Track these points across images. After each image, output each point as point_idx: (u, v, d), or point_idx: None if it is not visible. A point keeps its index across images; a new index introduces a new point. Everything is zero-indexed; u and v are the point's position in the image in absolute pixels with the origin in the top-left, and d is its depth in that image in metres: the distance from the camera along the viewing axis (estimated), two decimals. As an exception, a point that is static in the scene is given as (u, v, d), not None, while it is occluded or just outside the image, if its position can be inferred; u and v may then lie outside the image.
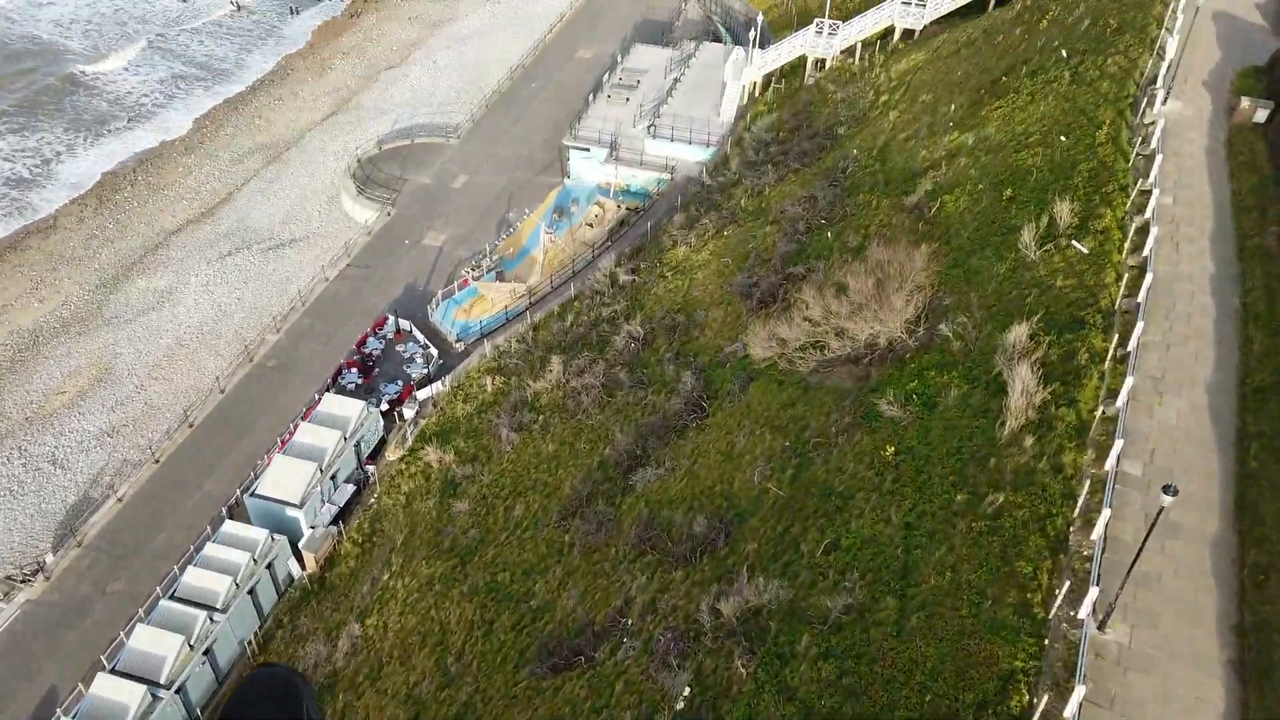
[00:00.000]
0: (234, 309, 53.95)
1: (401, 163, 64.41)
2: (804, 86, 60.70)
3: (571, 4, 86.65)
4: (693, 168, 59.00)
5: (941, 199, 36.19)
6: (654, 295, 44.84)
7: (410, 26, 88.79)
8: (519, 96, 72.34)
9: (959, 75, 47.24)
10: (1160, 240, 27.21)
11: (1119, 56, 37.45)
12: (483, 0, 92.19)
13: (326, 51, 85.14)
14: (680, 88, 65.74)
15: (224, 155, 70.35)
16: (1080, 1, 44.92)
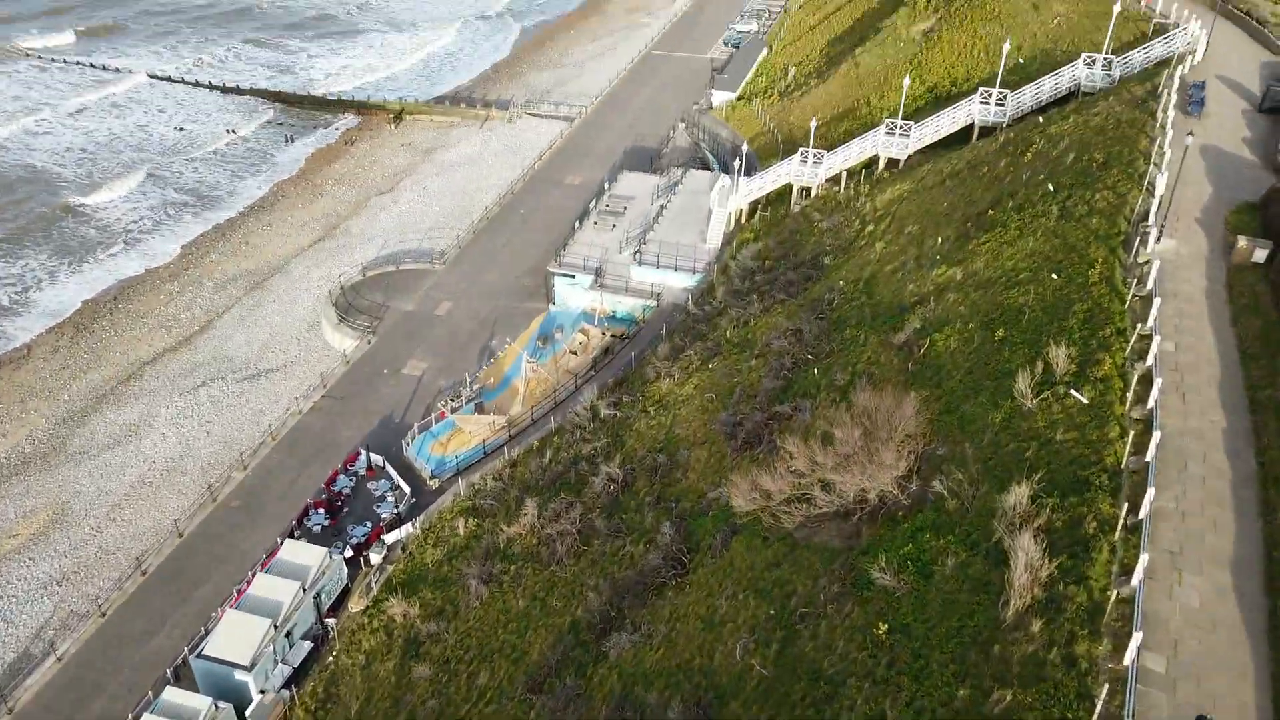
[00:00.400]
0: (202, 443, 51.91)
1: (385, 289, 63.50)
2: (790, 214, 60.36)
3: (562, 132, 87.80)
4: (679, 294, 58.05)
5: (931, 337, 34.69)
6: (636, 431, 42.92)
7: (403, 153, 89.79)
8: (507, 222, 72.17)
9: (945, 206, 46.59)
10: (1165, 391, 25.49)
11: (1107, 192, 36.63)
12: (475, 129, 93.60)
13: (319, 178, 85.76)
14: (667, 214, 65.54)
15: (208, 282, 69.62)
16: (1064, 135, 44.62)
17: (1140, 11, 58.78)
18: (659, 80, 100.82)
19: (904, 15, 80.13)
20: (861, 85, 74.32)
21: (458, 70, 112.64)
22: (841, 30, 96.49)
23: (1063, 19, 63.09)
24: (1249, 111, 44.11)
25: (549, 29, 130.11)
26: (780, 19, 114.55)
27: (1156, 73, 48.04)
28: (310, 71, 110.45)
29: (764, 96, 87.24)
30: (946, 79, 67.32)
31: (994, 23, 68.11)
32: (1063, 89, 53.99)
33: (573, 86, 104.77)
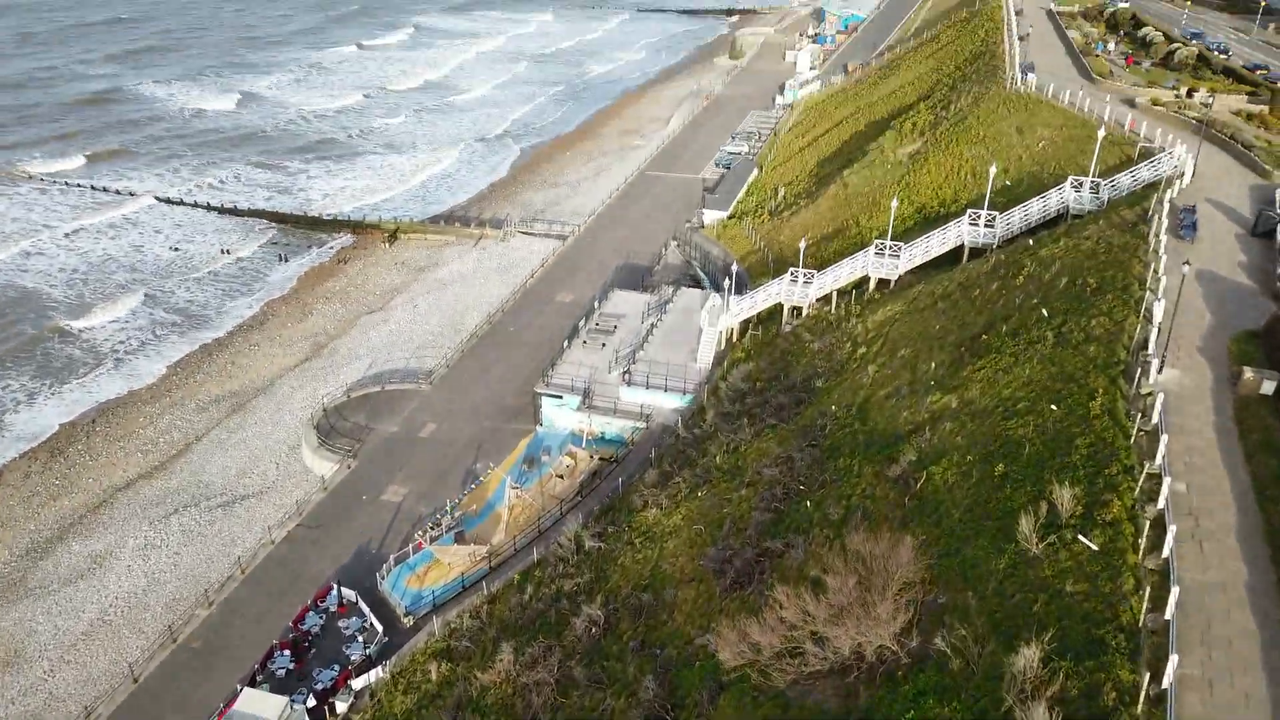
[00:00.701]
0: (168, 577, 49.46)
1: (369, 411, 62.04)
2: (781, 334, 59.47)
3: (555, 250, 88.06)
4: (669, 416, 56.62)
5: (928, 470, 33.00)
6: (620, 566, 40.70)
7: (396, 272, 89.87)
8: (496, 341, 71.31)
9: (937, 329, 45.59)
10: (1180, 539, 23.68)
11: (1103, 318, 35.60)
12: (468, 247, 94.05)
13: (310, 296, 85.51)
14: (657, 333, 64.73)
15: (190, 404, 68.24)
16: (1055, 258, 44.01)
17: (1126, 135, 59.35)
18: (651, 199, 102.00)
19: (890, 138, 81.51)
20: (850, 205, 74.80)
21: (454, 190, 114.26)
22: (830, 152, 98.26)
23: (1047, 143, 63.76)
24: (1242, 235, 43.67)
25: (545, 150, 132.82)
26: (770, 140, 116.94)
27: (1145, 196, 47.90)
28: (309, 192, 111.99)
29: (755, 215, 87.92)
30: (934, 199, 67.67)
31: (979, 146, 68.95)
32: (1051, 211, 53.89)
33: (567, 205, 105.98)
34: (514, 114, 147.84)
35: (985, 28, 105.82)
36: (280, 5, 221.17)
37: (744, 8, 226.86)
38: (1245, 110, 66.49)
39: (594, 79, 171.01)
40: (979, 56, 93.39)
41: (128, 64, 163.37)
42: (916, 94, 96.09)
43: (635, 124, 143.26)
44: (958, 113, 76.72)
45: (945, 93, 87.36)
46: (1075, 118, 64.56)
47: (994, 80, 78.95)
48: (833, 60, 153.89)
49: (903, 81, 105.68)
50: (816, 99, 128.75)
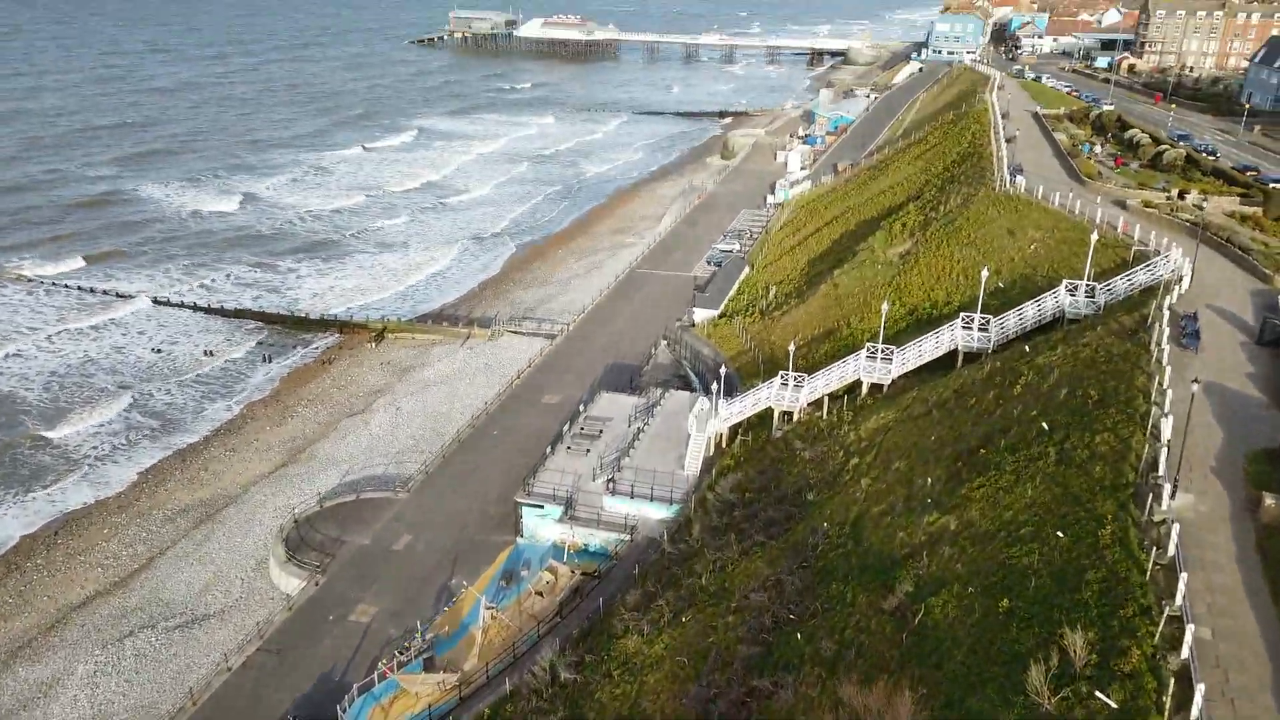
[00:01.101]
0: (116, 708, 46.05)
1: (342, 522, 59.28)
2: (771, 440, 57.32)
3: (542, 350, 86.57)
4: (654, 527, 53.98)
5: (926, 603, 30.41)
6: (598, 702, 37.57)
7: (380, 373, 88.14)
8: (478, 445, 69.01)
9: (933, 440, 43.48)
10: (1209, 697, 21.09)
11: (1107, 434, 33.54)
12: (456, 346, 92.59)
13: (291, 398, 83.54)
14: (644, 438, 62.56)
15: (157, 514, 65.50)
16: (1053, 367, 42.23)
17: (1119, 238, 58.44)
18: (642, 297, 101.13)
19: (881, 238, 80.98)
20: (841, 306, 73.60)
21: (445, 289, 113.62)
22: (820, 251, 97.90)
23: (1039, 244, 62.89)
24: (1248, 344, 42.05)
25: (538, 248, 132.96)
26: (761, 238, 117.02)
27: (1143, 301, 46.46)
28: (298, 291, 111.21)
29: (745, 314, 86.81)
30: (926, 301, 66.45)
31: (970, 247, 68.13)
32: (1047, 315, 52.47)
33: (557, 303, 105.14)
34: (511, 213, 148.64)
35: (972, 130, 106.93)
36: (284, 110, 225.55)
37: (736, 110, 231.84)
38: (1239, 212, 65.94)
39: (590, 178, 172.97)
40: (967, 158, 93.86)
41: (131, 167, 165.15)
42: (906, 194, 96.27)
43: (628, 222, 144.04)
44: (947, 214, 76.29)
45: (934, 193, 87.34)
46: (1066, 219, 63.88)
47: (982, 182, 78.84)
48: (823, 160, 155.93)
49: (892, 182, 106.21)
50: (807, 198, 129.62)
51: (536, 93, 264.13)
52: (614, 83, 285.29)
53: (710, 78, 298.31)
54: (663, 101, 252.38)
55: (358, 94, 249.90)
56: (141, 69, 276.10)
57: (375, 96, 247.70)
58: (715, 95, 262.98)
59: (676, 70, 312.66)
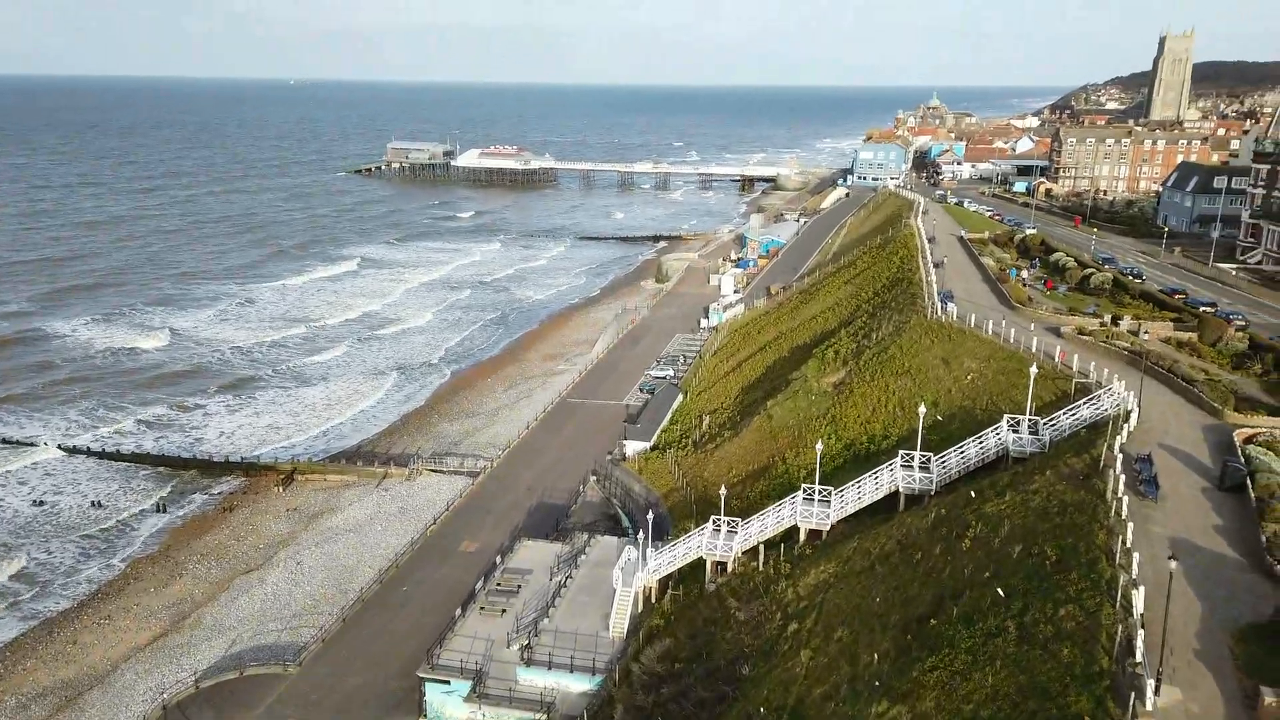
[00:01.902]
0: None
1: (220, 706, 51.95)
2: (704, 595, 52.09)
3: (463, 490, 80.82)
4: (575, 703, 47.90)
5: (879, 830, 25.13)
6: None
7: (285, 521, 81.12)
8: (385, 604, 62.43)
9: (878, 603, 38.85)
10: None
11: (1072, 606, 29.36)
12: (370, 488, 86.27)
13: (182, 553, 75.91)
14: (566, 594, 56.86)
15: (10, 700, 57.09)
16: (1003, 517, 38.35)
17: (1058, 368, 56.06)
18: (572, 429, 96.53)
19: (814, 367, 78.23)
20: (775, 439, 69.87)
21: (365, 424, 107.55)
22: (755, 377, 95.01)
23: (976, 375, 60.32)
24: (1210, 490, 38.89)
25: (466, 377, 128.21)
26: (695, 364, 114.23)
27: (1092, 440, 43.32)
28: (204, 431, 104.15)
29: (678, 447, 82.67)
30: (863, 435, 63.05)
31: (905, 377, 65.40)
32: (990, 453, 49.11)
33: (483, 436, 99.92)
34: (445, 342, 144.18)
35: (900, 255, 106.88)
36: (217, 242, 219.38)
37: (670, 234, 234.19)
38: (1174, 338, 64.63)
39: (526, 304, 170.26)
40: (897, 283, 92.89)
41: (47, 304, 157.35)
42: (838, 319, 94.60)
43: (561, 348, 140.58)
44: (880, 341, 74.02)
45: (866, 319, 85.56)
46: (1001, 349, 61.67)
47: (914, 308, 77.12)
48: (755, 283, 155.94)
49: (823, 306, 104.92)
50: (740, 322, 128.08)
51: (480, 220, 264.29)
52: (554, 210, 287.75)
53: (646, 204, 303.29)
54: (600, 227, 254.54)
55: (296, 224, 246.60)
56: (70, 202, 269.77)
57: (316, 227, 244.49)
58: (651, 221, 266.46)
59: (613, 197, 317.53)
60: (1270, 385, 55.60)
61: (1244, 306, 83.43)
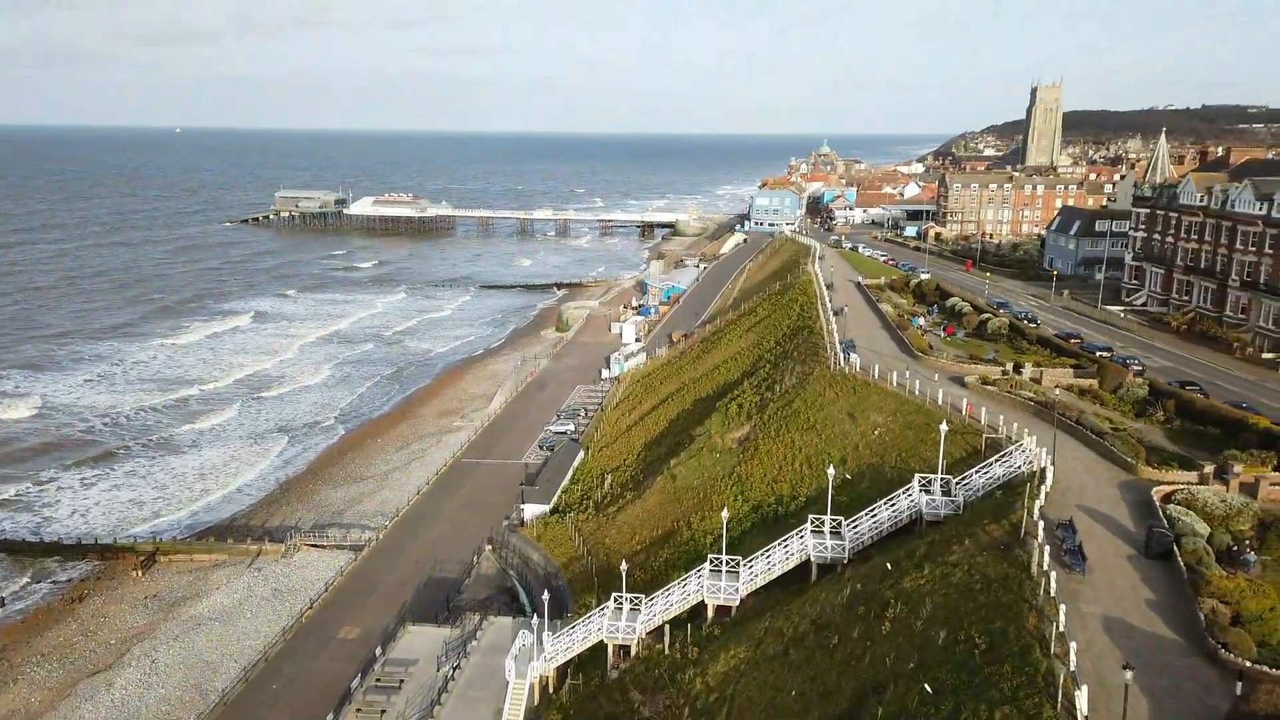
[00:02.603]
0: None
1: None
2: (605, 684, 47.49)
3: (343, 569, 74.22)
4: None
5: None
6: None
7: (142, 610, 72.83)
8: (249, 708, 55.62)
9: (793, 696, 35.08)
10: None
11: (1008, 707, 26.11)
12: (241, 568, 78.64)
13: (19, 654, 66.97)
14: (455, 687, 51.49)
15: None
16: (923, 595, 35.23)
17: (966, 422, 54.11)
18: (467, 491, 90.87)
19: (717, 422, 75.11)
20: (680, 502, 66.14)
21: (237, 496, 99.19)
22: (658, 432, 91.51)
23: (883, 430, 57.97)
24: (1136, 558, 36.72)
25: (354, 437, 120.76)
26: (597, 417, 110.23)
27: (1009, 504, 40.86)
28: (56, 510, 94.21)
29: (579, 510, 78.16)
30: (770, 495, 59.87)
31: (811, 432, 62.71)
32: (903, 516, 46.33)
33: (370, 503, 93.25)
34: (336, 401, 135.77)
35: (800, 301, 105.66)
36: (91, 299, 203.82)
37: (571, 281, 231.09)
38: (1075, 385, 63.87)
39: (425, 357, 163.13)
40: (798, 332, 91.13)
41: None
42: (740, 370, 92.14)
43: (457, 402, 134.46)
44: (784, 394, 71.45)
45: (769, 370, 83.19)
46: (908, 401, 59.61)
47: (816, 359, 75.01)
48: (657, 331, 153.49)
49: (725, 356, 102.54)
50: (642, 372, 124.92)
51: (381, 270, 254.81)
52: (456, 259, 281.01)
53: (548, 251, 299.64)
54: (501, 275, 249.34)
55: (182, 278, 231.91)
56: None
57: (203, 280, 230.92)
58: (552, 268, 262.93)
59: (514, 245, 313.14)
60: (1174, 433, 54.93)
61: (1137, 350, 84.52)
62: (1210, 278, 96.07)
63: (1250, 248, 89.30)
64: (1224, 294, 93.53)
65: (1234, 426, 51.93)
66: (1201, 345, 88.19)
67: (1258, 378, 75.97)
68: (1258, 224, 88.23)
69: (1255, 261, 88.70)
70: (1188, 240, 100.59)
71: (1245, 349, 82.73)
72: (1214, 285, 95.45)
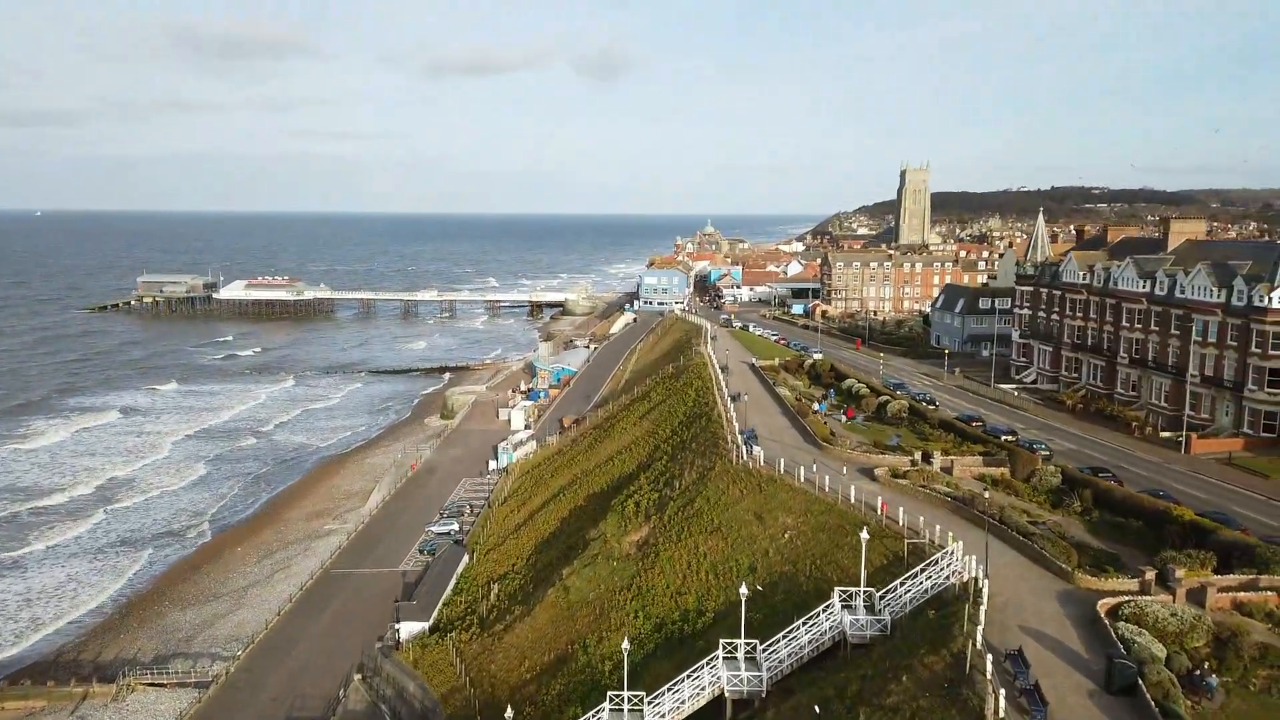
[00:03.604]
0: None
1: None
2: None
3: (183, 714, 63.97)
4: None
5: None
6: None
7: (-72, 779, 60.47)
8: None
9: None
10: None
11: None
12: (61, 718, 66.94)
13: None
14: None
15: None
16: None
17: (884, 524, 49.74)
18: (337, 608, 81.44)
19: (613, 523, 69.01)
20: (574, 619, 59.31)
21: (64, 625, 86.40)
22: (549, 532, 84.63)
23: (794, 532, 53.11)
24: (1098, 695, 32.27)
25: (213, 547, 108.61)
26: (483, 515, 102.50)
27: (944, 626, 36.07)
28: None
29: (462, 628, 70.17)
30: (675, 610, 53.84)
31: (716, 536, 57.35)
32: (825, 639, 41.05)
33: (224, 626, 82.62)
34: (196, 506, 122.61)
35: (695, 386, 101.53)
36: None
37: (457, 364, 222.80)
38: (986, 474, 60.86)
39: (300, 451, 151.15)
40: (695, 419, 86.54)
41: None
42: (635, 462, 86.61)
43: (331, 502, 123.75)
44: (684, 491, 66.15)
45: (666, 463, 77.94)
46: (819, 500, 55.06)
47: (716, 452, 70.20)
48: (547, 416, 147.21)
49: (619, 445, 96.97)
50: (532, 462, 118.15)
51: (261, 358, 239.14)
52: (337, 343, 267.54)
53: (433, 334, 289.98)
54: (383, 360, 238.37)
55: (40, 373, 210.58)
56: None
57: (64, 374, 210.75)
58: (437, 351, 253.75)
59: (398, 328, 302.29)
60: (1094, 526, 52.03)
61: (1038, 431, 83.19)
62: (1098, 355, 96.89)
63: (1136, 325, 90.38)
64: (1113, 371, 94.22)
65: (1157, 518, 49.34)
66: (1098, 424, 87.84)
67: (1162, 459, 75.12)
68: (1141, 301, 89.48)
69: (1142, 339, 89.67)
70: (1073, 318, 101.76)
71: (1143, 427, 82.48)
72: (1103, 363, 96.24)
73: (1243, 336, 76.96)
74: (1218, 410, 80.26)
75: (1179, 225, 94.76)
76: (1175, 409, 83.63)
